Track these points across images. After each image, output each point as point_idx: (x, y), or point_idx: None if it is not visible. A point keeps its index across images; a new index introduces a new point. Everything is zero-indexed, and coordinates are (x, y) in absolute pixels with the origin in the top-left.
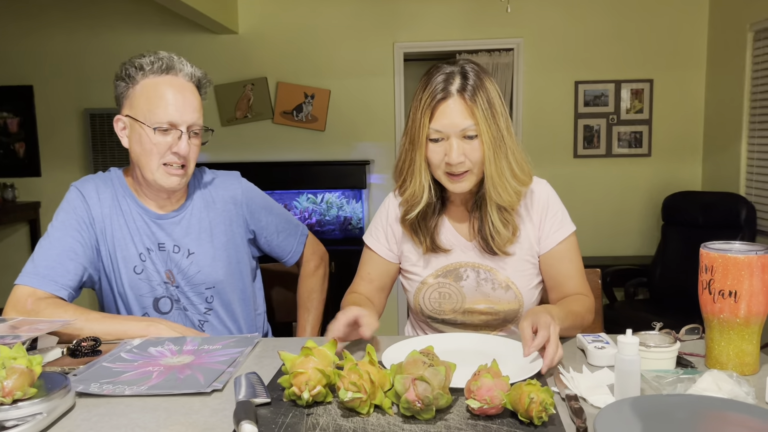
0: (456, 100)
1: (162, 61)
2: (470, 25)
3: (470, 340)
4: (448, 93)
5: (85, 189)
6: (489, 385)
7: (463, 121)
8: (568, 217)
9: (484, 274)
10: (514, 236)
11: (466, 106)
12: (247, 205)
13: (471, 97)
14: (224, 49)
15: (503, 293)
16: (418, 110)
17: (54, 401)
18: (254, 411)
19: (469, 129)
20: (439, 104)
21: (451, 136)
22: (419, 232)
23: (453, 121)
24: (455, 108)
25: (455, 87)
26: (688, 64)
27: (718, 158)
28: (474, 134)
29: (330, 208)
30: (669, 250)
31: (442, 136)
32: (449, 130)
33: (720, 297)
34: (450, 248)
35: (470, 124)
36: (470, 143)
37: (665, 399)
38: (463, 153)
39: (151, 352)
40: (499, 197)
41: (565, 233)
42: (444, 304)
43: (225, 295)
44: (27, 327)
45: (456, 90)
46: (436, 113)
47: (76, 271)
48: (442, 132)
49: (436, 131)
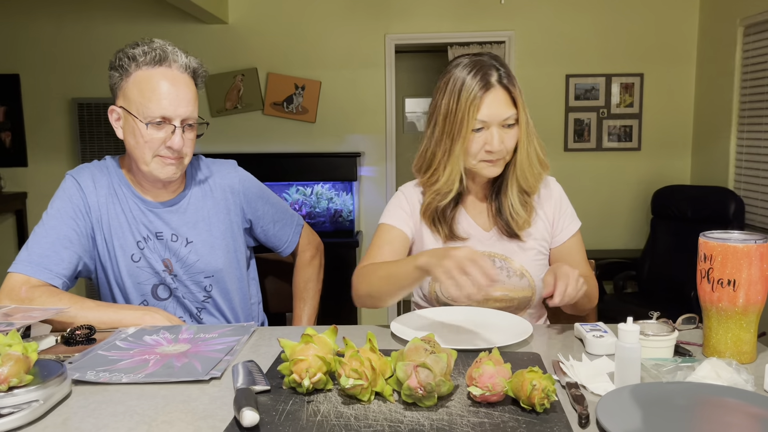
0: (498, 90)
1: (155, 52)
2: (462, 17)
3: (464, 313)
4: (490, 84)
5: (81, 177)
6: (491, 373)
7: (506, 110)
8: (575, 213)
9: (500, 262)
10: (530, 218)
11: (508, 96)
12: (244, 194)
13: (512, 87)
14: (214, 39)
15: (518, 281)
16: (457, 102)
17: (50, 388)
18: (255, 398)
19: (510, 118)
20: (484, 95)
21: (492, 125)
22: (439, 222)
23: (497, 111)
24: (499, 98)
25: (495, 78)
26: (679, 59)
27: (707, 152)
28: (513, 122)
29: (320, 200)
30: (658, 243)
31: (484, 126)
32: (493, 119)
33: (719, 286)
34: (467, 237)
35: (512, 113)
36: (508, 131)
37: (666, 386)
38: (502, 141)
39: (147, 341)
40: (526, 181)
41: (575, 228)
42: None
43: (224, 283)
44: (20, 315)
45: (496, 81)
46: (482, 104)
47: (70, 260)
48: (486, 122)
49: (480, 121)
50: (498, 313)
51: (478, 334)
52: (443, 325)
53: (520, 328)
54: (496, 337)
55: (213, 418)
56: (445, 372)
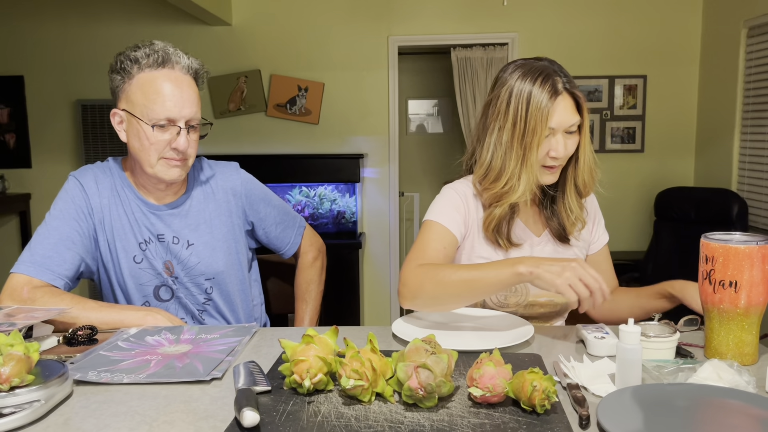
0: (565, 97)
1: (157, 54)
2: (465, 19)
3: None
4: (558, 91)
5: (84, 179)
6: (491, 374)
7: (573, 117)
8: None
9: None
10: (583, 217)
11: (573, 103)
12: (246, 196)
13: (576, 94)
14: (217, 41)
15: None
16: (530, 110)
17: (52, 388)
18: (255, 399)
19: (575, 125)
20: (554, 102)
21: (558, 131)
22: (498, 233)
23: (565, 118)
24: (567, 105)
25: (561, 85)
26: (682, 61)
27: (710, 154)
28: (575, 129)
29: (323, 201)
30: (661, 245)
31: (551, 133)
32: (560, 126)
33: (720, 287)
34: (520, 243)
35: (577, 120)
36: (571, 138)
37: (667, 388)
38: (566, 147)
39: (149, 341)
40: (584, 184)
41: (606, 239)
42: (510, 298)
43: (224, 286)
44: (23, 315)
45: (563, 87)
46: (553, 112)
47: (72, 261)
48: (554, 129)
49: (549, 129)
50: (499, 314)
51: (480, 335)
52: (444, 326)
53: (522, 329)
54: (497, 338)
55: (214, 418)
56: (446, 373)
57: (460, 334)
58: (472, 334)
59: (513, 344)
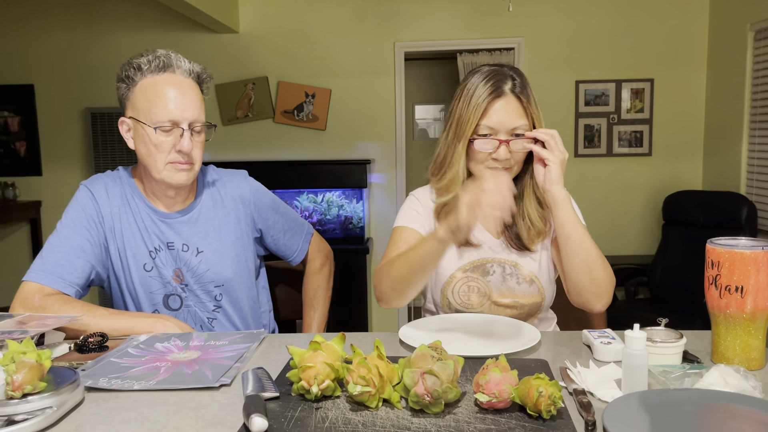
0: (510, 98)
1: (159, 59)
2: (471, 24)
3: (475, 319)
4: (501, 92)
5: (95, 187)
6: (497, 379)
7: (516, 119)
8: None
9: (510, 269)
10: (545, 229)
11: (519, 105)
12: (255, 204)
13: (525, 97)
14: (225, 49)
15: (527, 287)
16: (467, 106)
17: (63, 395)
18: (263, 405)
19: (520, 128)
20: (493, 102)
21: (500, 133)
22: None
23: (506, 119)
24: (510, 107)
25: (508, 87)
26: (689, 64)
27: (718, 157)
28: (523, 133)
29: (330, 207)
30: (670, 249)
31: (492, 133)
32: (500, 127)
33: (726, 292)
34: (480, 245)
35: (522, 123)
36: (520, 143)
37: (673, 393)
38: (509, 150)
39: (158, 348)
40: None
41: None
42: (472, 298)
43: (234, 293)
44: (34, 323)
45: (509, 89)
46: (489, 110)
47: (83, 269)
48: (494, 129)
49: (487, 127)
50: (505, 319)
51: (486, 341)
52: (451, 331)
53: (528, 335)
54: (503, 344)
55: (223, 424)
56: (452, 379)
57: (467, 340)
58: (479, 340)
59: (520, 350)
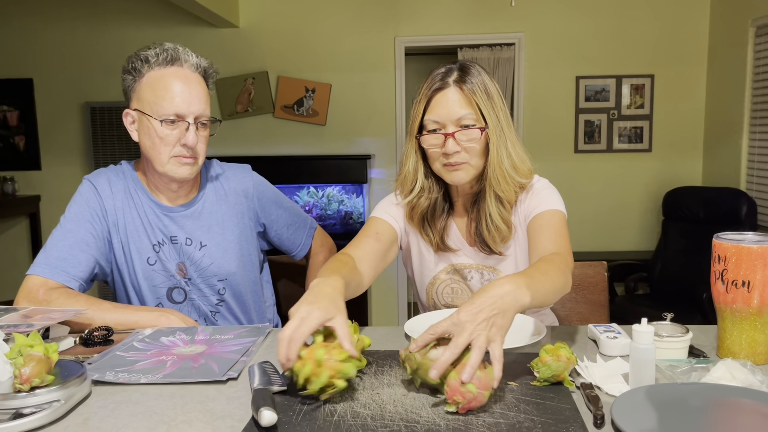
0: (453, 89)
1: (167, 53)
2: (472, 19)
3: None
4: (445, 83)
5: (98, 182)
6: (454, 385)
7: (459, 109)
8: (556, 200)
9: (488, 274)
10: (509, 233)
11: (462, 95)
12: (258, 198)
13: (468, 87)
14: (225, 43)
15: None
16: (415, 103)
17: (71, 389)
18: (272, 398)
19: (465, 118)
20: (435, 94)
21: (448, 125)
22: (429, 228)
23: (449, 110)
24: (452, 97)
25: (452, 78)
26: (690, 60)
27: (718, 153)
28: (471, 123)
29: (331, 202)
30: (669, 245)
31: (439, 126)
32: (445, 119)
33: (733, 287)
34: (458, 249)
35: (467, 113)
36: (467, 133)
37: (680, 387)
38: (460, 143)
39: (163, 342)
40: (498, 186)
41: (548, 207)
42: (456, 299)
43: (237, 287)
44: (39, 316)
45: (453, 81)
46: (432, 103)
47: (87, 263)
48: (439, 122)
49: (432, 121)
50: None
51: None
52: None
53: (535, 329)
54: (509, 337)
55: (231, 418)
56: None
57: None
58: None
59: (525, 344)
